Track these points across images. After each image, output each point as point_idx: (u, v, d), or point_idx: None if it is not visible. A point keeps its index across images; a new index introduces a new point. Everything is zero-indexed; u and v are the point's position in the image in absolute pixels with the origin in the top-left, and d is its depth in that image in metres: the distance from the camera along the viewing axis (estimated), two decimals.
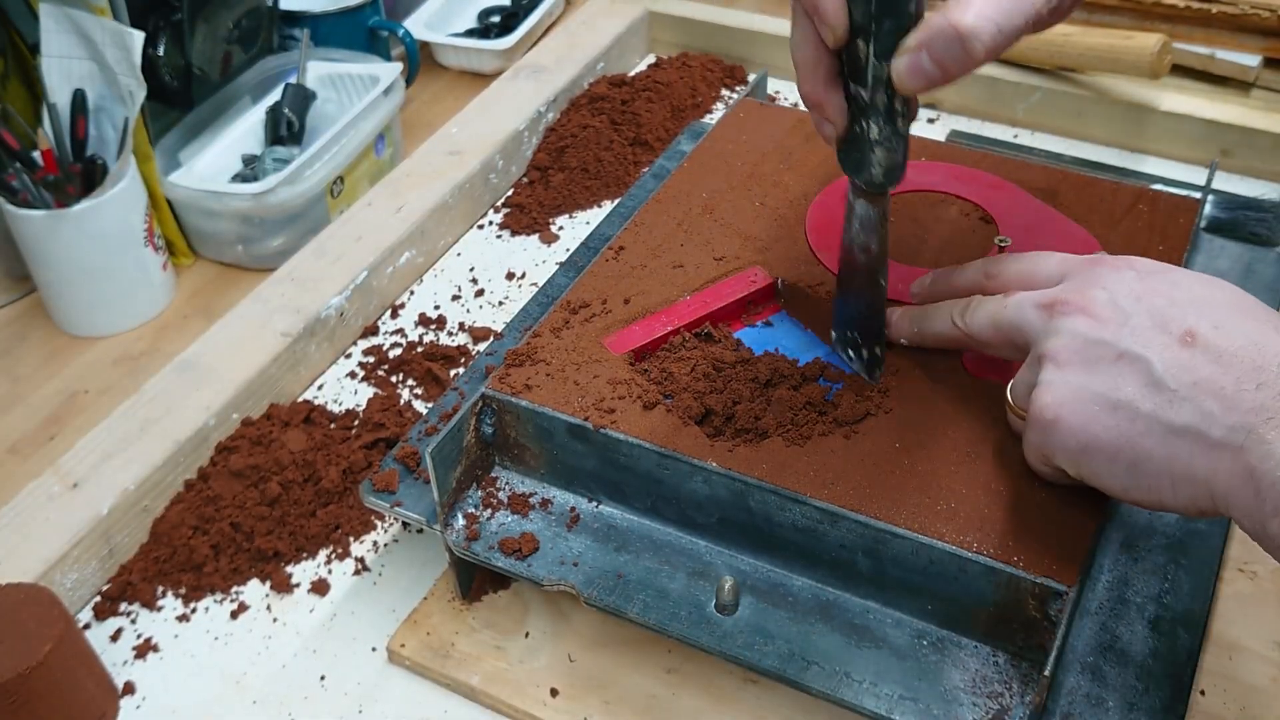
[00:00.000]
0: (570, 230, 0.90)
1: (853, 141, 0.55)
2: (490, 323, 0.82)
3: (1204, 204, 0.70)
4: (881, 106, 0.52)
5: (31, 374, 0.82)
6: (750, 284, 0.66)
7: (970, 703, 0.51)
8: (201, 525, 0.67)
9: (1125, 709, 0.51)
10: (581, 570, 0.57)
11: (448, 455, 0.57)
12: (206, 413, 0.70)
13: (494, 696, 0.58)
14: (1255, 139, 0.89)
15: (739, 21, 1.06)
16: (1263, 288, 0.70)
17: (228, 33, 0.93)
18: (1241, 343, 0.45)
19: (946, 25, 0.48)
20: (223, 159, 0.92)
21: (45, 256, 0.81)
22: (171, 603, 0.65)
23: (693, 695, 0.57)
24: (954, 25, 0.47)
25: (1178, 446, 0.45)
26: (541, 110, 0.96)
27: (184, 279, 0.89)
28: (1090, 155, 0.92)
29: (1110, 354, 0.47)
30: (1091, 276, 0.50)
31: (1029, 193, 0.71)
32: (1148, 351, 0.46)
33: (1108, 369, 0.47)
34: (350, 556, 0.67)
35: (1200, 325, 0.46)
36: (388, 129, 0.96)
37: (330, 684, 0.61)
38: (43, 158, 0.80)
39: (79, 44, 0.81)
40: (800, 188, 0.73)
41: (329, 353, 0.80)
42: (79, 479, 0.66)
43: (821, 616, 0.54)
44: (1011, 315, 0.52)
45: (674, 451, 0.56)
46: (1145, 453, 0.46)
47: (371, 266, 0.81)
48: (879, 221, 0.57)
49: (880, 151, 0.54)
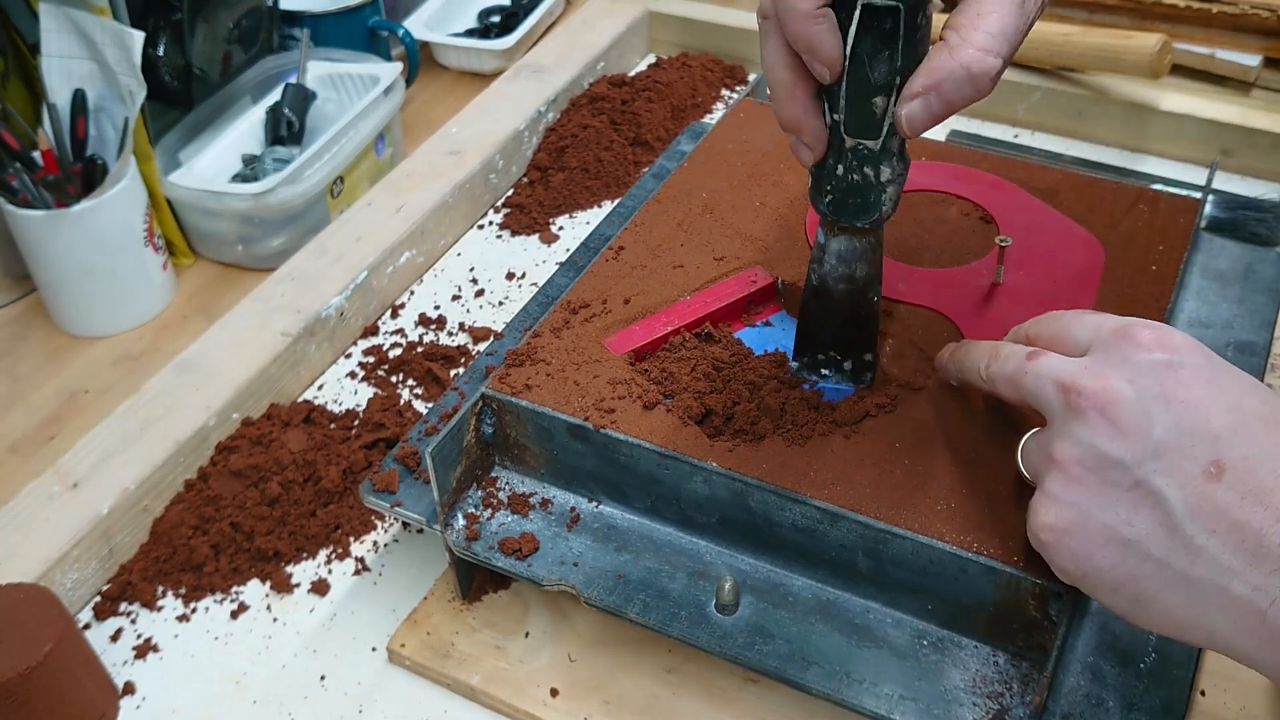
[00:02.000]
0: (570, 230, 0.90)
1: (851, 188, 0.53)
2: (490, 323, 0.82)
3: (1204, 204, 0.70)
4: (895, 149, 0.52)
5: (31, 374, 0.82)
6: (750, 284, 0.66)
7: (970, 703, 0.51)
8: (201, 525, 0.67)
9: (1125, 709, 0.51)
10: (581, 570, 0.57)
11: (448, 455, 0.57)
12: (206, 413, 0.70)
13: (494, 696, 0.58)
14: (1255, 139, 0.89)
15: (739, 21, 1.06)
16: (1263, 288, 0.70)
17: (228, 33, 0.93)
18: (1272, 482, 0.40)
19: (956, 66, 0.46)
20: (223, 159, 0.92)
21: (45, 256, 0.81)
22: (171, 603, 0.65)
23: (693, 695, 0.57)
24: (965, 66, 0.46)
25: (1191, 595, 0.41)
26: (541, 110, 0.96)
27: (184, 279, 0.89)
28: (1090, 155, 0.92)
29: (1126, 481, 0.42)
30: (1116, 355, 0.45)
31: (1029, 193, 0.71)
32: (1168, 489, 0.41)
33: (1120, 499, 0.42)
34: (350, 556, 0.67)
35: (1230, 455, 0.41)
36: (388, 129, 0.96)
37: (330, 684, 0.61)
38: (43, 158, 0.80)
39: (79, 44, 0.81)
40: (800, 188, 0.73)
41: (329, 353, 0.80)
42: (79, 479, 0.66)
43: (821, 616, 0.54)
44: (1030, 385, 0.47)
45: (674, 451, 0.56)
46: (1152, 594, 0.42)
47: (371, 266, 0.81)
48: (868, 250, 0.56)
49: (893, 189, 0.53)
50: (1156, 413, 0.42)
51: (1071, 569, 0.44)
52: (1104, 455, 0.43)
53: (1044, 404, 0.46)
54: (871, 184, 0.53)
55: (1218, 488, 0.41)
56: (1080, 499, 0.43)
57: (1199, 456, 0.41)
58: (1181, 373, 0.43)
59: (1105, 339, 0.46)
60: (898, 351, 0.61)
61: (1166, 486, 0.41)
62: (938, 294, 0.64)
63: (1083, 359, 0.46)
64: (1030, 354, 0.48)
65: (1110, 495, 0.43)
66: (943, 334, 0.62)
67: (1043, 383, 0.46)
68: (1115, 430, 0.43)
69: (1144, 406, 0.42)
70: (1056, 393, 0.45)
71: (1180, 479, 0.41)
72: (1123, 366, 0.44)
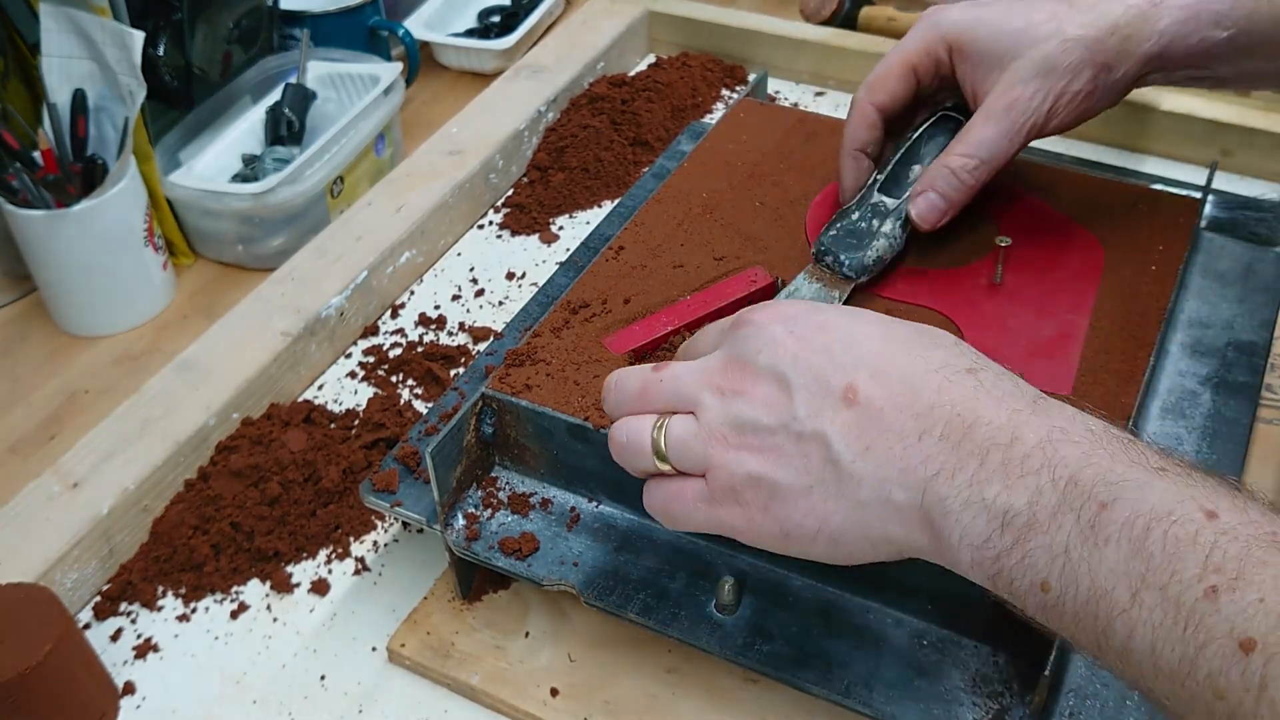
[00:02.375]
0: (570, 230, 0.90)
1: (853, 230, 0.64)
2: (490, 323, 0.82)
3: (1204, 204, 0.70)
4: (902, 217, 0.65)
5: (31, 374, 0.82)
6: (750, 284, 0.66)
7: (970, 703, 0.51)
8: (201, 525, 0.67)
9: (1125, 708, 0.51)
10: (581, 570, 0.57)
11: (448, 455, 0.57)
12: (206, 412, 0.70)
13: (494, 696, 0.58)
14: (1255, 139, 0.89)
15: (739, 21, 1.06)
16: (1262, 288, 0.70)
17: (228, 33, 0.93)
18: (899, 389, 0.44)
19: (942, 167, 0.63)
20: (223, 159, 0.92)
21: (45, 256, 0.81)
22: (171, 603, 0.65)
23: (693, 695, 0.57)
24: (948, 166, 0.63)
25: (868, 515, 0.44)
26: (541, 110, 0.96)
27: (184, 279, 0.89)
28: (1090, 155, 0.92)
29: (791, 437, 0.45)
30: (739, 340, 0.48)
31: (1029, 193, 0.71)
32: (826, 427, 0.44)
33: (793, 453, 0.45)
34: (350, 556, 0.67)
35: (858, 377, 0.45)
36: (388, 129, 0.96)
37: (330, 684, 0.61)
38: (43, 158, 0.80)
39: (79, 44, 0.81)
40: (800, 188, 0.73)
41: (329, 352, 0.80)
42: (79, 479, 0.66)
43: (821, 616, 0.54)
44: (666, 392, 0.49)
45: None
46: (839, 529, 0.45)
47: (371, 266, 0.81)
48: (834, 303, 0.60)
49: (883, 244, 0.63)
50: (789, 372, 0.46)
51: (777, 535, 0.46)
52: (764, 425, 0.46)
53: (690, 401, 0.48)
54: (872, 231, 0.64)
55: (856, 411, 0.44)
56: (758, 468, 0.46)
57: (834, 390, 0.45)
58: (798, 329, 0.47)
59: (727, 334, 0.49)
60: None
61: (821, 426, 0.45)
62: (938, 294, 0.64)
63: (715, 354, 0.49)
64: (655, 367, 0.50)
65: (784, 456, 0.45)
66: None
67: (682, 385, 0.48)
68: (765, 404, 0.46)
69: (779, 371, 0.46)
70: (703, 389, 0.48)
71: (829, 416, 0.44)
72: (749, 344, 0.47)
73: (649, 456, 0.49)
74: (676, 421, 0.48)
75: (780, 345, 0.46)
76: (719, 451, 0.47)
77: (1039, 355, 0.60)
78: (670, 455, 0.48)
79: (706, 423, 0.47)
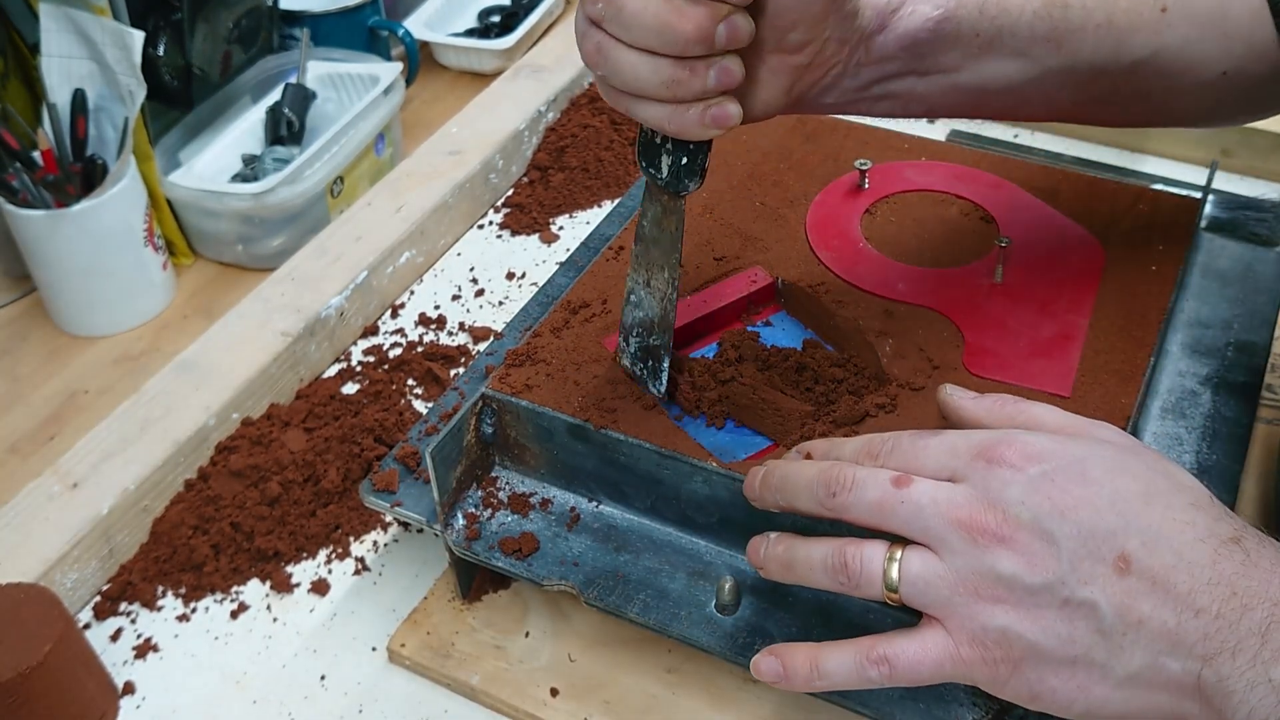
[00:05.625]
0: (570, 230, 0.90)
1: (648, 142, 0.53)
2: (490, 323, 0.82)
3: (1204, 204, 0.70)
4: None
5: (31, 374, 0.82)
6: (750, 284, 0.66)
7: (970, 703, 0.51)
8: (201, 525, 0.67)
9: None
10: (581, 570, 0.57)
11: (448, 455, 0.57)
12: (206, 413, 0.70)
13: (494, 696, 0.58)
14: (1255, 139, 0.89)
15: None
16: (1263, 288, 0.70)
17: (228, 33, 0.93)
18: (1171, 561, 0.42)
19: None
20: (223, 159, 0.92)
21: (45, 256, 0.81)
22: (171, 603, 0.65)
23: (693, 695, 0.57)
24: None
25: (1133, 690, 0.43)
26: (541, 110, 0.96)
27: (184, 279, 0.89)
28: (1090, 155, 0.92)
29: (1055, 602, 0.43)
30: (995, 480, 0.45)
31: (1029, 193, 0.71)
32: (1096, 595, 0.42)
33: (1056, 619, 0.43)
34: (350, 556, 0.67)
35: (1130, 544, 0.42)
36: (388, 129, 0.96)
37: (330, 684, 0.61)
38: (43, 158, 0.80)
39: (79, 44, 0.81)
40: (800, 188, 0.73)
41: (329, 352, 0.80)
42: (79, 479, 0.66)
43: (821, 617, 0.54)
44: (908, 516, 0.45)
45: (674, 452, 0.56)
46: (1101, 699, 0.43)
47: (371, 266, 0.81)
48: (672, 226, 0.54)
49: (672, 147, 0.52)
50: (1056, 529, 0.43)
51: (1025, 694, 0.44)
52: (1027, 585, 0.43)
53: (932, 537, 0.45)
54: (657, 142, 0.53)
55: (1128, 581, 0.42)
56: (1015, 625, 0.43)
57: (1105, 556, 0.43)
58: (1058, 479, 0.44)
59: (971, 465, 0.46)
60: (898, 352, 0.61)
61: (1092, 594, 0.42)
62: (938, 294, 0.64)
63: (962, 487, 0.45)
64: (897, 480, 0.46)
65: (1046, 619, 0.43)
66: (943, 334, 0.62)
67: (927, 517, 0.45)
68: (1029, 560, 0.43)
69: (1044, 527, 0.43)
70: (952, 529, 0.45)
71: (1100, 583, 0.42)
72: (1006, 490, 0.44)
73: (878, 586, 0.46)
74: (916, 558, 0.45)
75: (1042, 496, 0.44)
76: (966, 600, 0.44)
77: (1039, 355, 0.60)
78: (904, 591, 0.45)
79: (956, 568, 0.44)
